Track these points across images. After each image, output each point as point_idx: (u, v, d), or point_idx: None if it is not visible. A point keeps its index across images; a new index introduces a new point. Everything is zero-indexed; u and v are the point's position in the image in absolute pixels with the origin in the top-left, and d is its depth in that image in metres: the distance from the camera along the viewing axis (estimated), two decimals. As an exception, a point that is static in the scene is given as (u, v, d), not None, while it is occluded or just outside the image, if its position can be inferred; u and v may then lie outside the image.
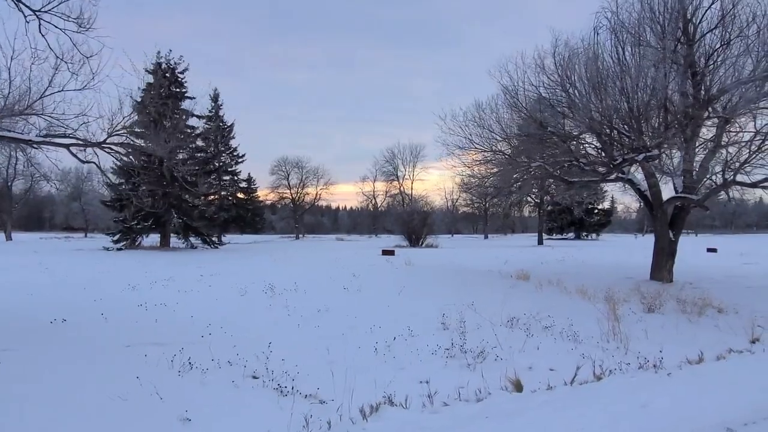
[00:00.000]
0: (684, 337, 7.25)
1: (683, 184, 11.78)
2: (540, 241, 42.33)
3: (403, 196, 62.59)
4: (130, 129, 6.55)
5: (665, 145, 11.52)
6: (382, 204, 68.81)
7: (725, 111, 10.95)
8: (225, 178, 44.88)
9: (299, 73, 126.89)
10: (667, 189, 13.30)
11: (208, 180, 34.71)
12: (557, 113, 12.31)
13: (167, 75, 28.01)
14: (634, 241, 46.01)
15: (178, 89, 28.61)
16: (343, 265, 16.36)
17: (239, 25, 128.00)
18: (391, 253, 22.45)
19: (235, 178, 46.29)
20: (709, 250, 26.88)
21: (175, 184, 27.09)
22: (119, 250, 26.00)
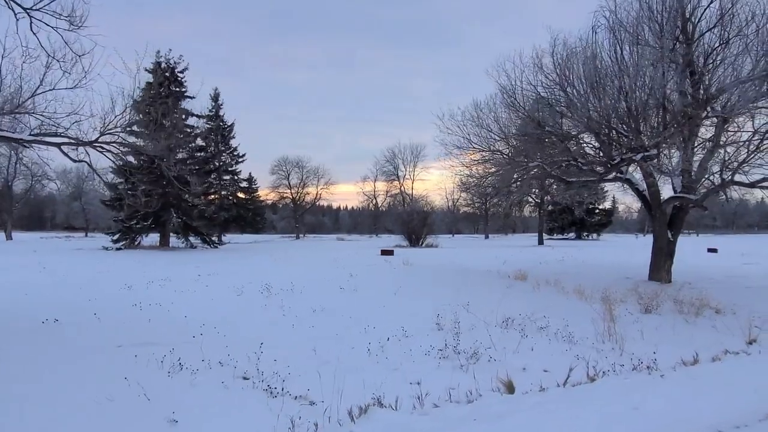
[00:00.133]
0: (680, 338, 7.20)
1: (682, 184, 11.72)
2: (540, 241, 42.24)
3: (404, 196, 62.50)
4: (122, 128, 6.55)
5: (664, 145, 11.46)
6: (382, 204, 68.80)
7: (724, 110, 10.88)
8: (225, 177, 44.89)
9: (299, 73, 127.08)
10: (666, 189, 13.27)
11: (207, 180, 34.70)
12: (555, 113, 12.25)
13: (167, 74, 28.03)
14: (635, 241, 45.90)
15: (177, 89, 28.61)
16: (342, 265, 16.32)
17: (239, 25, 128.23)
18: (390, 253, 22.41)
19: (236, 177, 46.30)
20: (710, 250, 26.77)
21: (175, 183, 27.10)
22: (118, 249, 26.00)
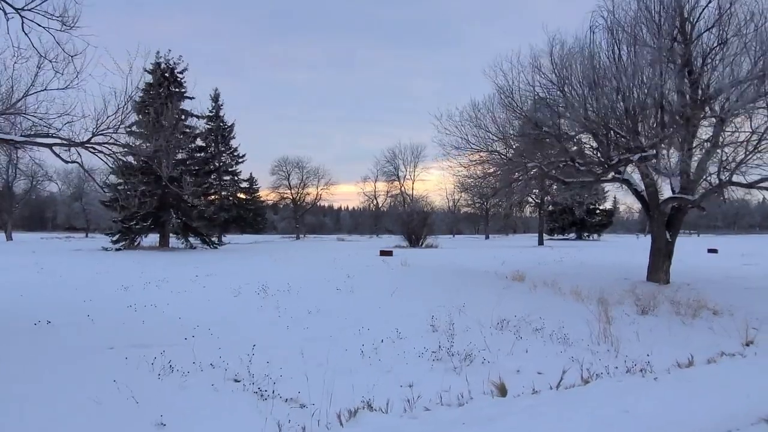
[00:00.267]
0: (676, 340, 7.16)
1: (680, 184, 11.66)
2: (540, 242, 42.18)
3: (404, 196, 62.40)
4: (115, 129, 6.53)
5: (662, 146, 11.40)
6: (383, 204, 68.75)
7: (722, 111, 10.82)
8: (225, 178, 44.87)
9: (299, 73, 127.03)
10: (666, 189, 13.20)
11: (207, 180, 34.66)
12: (553, 113, 12.21)
13: (166, 75, 28.02)
14: (635, 242, 45.76)
15: (177, 89, 28.58)
16: (340, 266, 16.29)
17: (239, 25, 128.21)
18: (389, 254, 22.36)
19: (236, 178, 46.29)
20: (710, 250, 26.66)
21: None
22: (118, 250, 25.98)
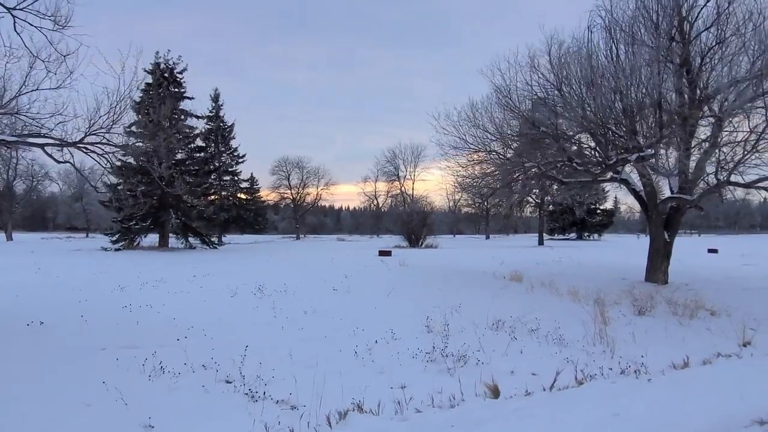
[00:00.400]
0: (673, 341, 7.11)
1: (678, 184, 11.61)
2: (540, 242, 42.12)
3: (405, 196, 62.34)
4: (107, 128, 6.52)
5: (660, 145, 11.35)
6: (383, 204, 68.69)
7: (721, 110, 10.77)
8: (225, 178, 44.84)
9: (299, 73, 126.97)
10: (666, 189, 13.13)
11: (207, 180, 34.59)
12: (551, 112, 12.16)
13: (165, 75, 28.01)
14: (636, 242, 45.67)
15: (176, 89, 28.58)
16: (338, 266, 16.25)
17: (239, 25, 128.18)
18: (388, 254, 22.32)
19: (236, 178, 46.26)
20: (710, 250, 26.60)
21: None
22: (117, 250, 25.97)
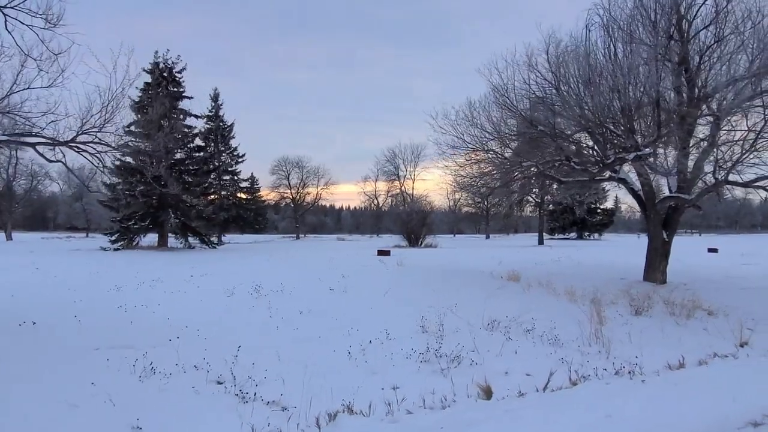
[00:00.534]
0: (670, 341, 7.07)
1: (677, 183, 11.56)
2: (540, 241, 42.05)
3: (405, 196, 62.26)
4: (99, 128, 6.48)
5: (659, 144, 11.30)
6: (383, 204, 68.63)
7: (719, 109, 10.72)
8: (225, 178, 44.80)
9: (299, 73, 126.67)
10: (663, 188, 13.07)
11: (207, 180, 34.56)
12: (549, 111, 12.11)
13: (164, 74, 27.98)
14: (636, 241, 45.54)
15: (175, 89, 28.53)
16: (336, 266, 16.20)
17: (239, 25, 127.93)
18: (387, 254, 22.26)
19: (235, 178, 46.22)
20: (710, 250, 26.51)
21: (176, 183, 27.05)
22: (116, 250, 25.92)
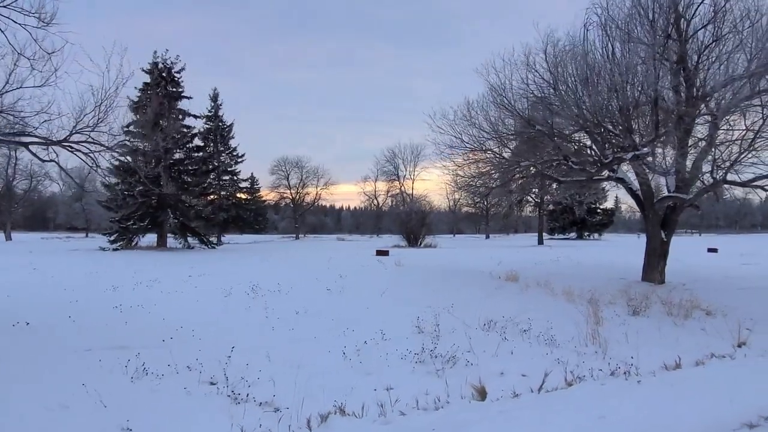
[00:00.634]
0: (667, 341, 7.02)
1: (675, 183, 11.51)
2: (540, 241, 41.99)
3: (404, 196, 62.19)
4: (93, 127, 6.45)
5: (657, 144, 11.25)
6: (383, 204, 68.58)
7: (717, 109, 10.67)
8: (224, 178, 44.75)
9: (299, 73, 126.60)
10: (662, 188, 13.02)
11: (206, 180, 34.53)
12: (546, 111, 12.07)
13: (164, 75, 27.96)
14: (636, 241, 45.46)
15: (174, 89, 28.51)
16: (334, 266, 16.16)
17: (239, 25, 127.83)
18: (385, 254, 22.23)
19: (235, 178, 46.17)
20: (710, 250, 26.47)
21: (171, 183, 27.05)
22: (115, 250, 25.87)
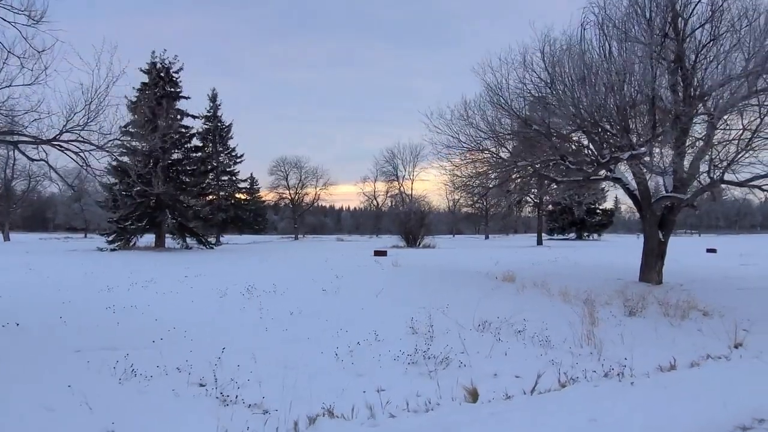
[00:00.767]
0: (663, 342, 6.96)
1: (672, 183, 11.46)
2: (539, 242, 41.95)
3: (404, 196, 62.13)
4: (83, 126, 6.40)
5: (654, 143, 11.20)
6: (383, 204, 68.51)
7: (715, 108, 10.62)
8: (223, 178, 44.70)
9: (299, 73, 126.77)
10: (660, 187, 12.96)
11: (205, 180, 34.47)
12: (543, 110, 12.01)
13: (162, 75, 27.91)
14: (635, 242, 45.42)
15: (172, 89, 28.46)
16: (331, 267, 16.11)
17: (239, 25, 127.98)
18: (383, 254, 22.18)
19: (234, 178, 46.11)
20: (709, 250, 26.42)
21: (169, 183, 26.99)
22: (113, 250, 25.83)
